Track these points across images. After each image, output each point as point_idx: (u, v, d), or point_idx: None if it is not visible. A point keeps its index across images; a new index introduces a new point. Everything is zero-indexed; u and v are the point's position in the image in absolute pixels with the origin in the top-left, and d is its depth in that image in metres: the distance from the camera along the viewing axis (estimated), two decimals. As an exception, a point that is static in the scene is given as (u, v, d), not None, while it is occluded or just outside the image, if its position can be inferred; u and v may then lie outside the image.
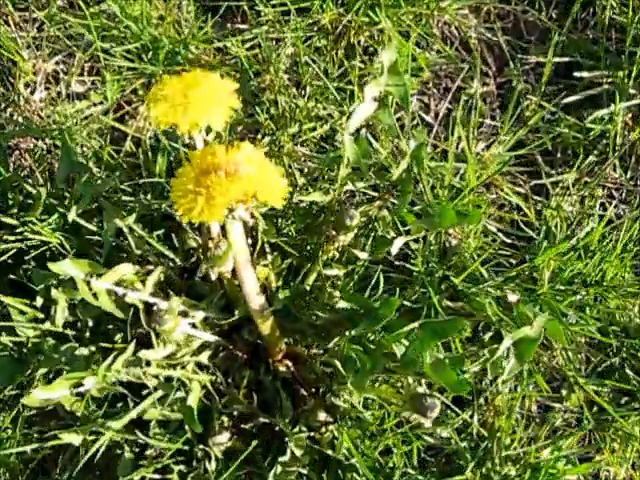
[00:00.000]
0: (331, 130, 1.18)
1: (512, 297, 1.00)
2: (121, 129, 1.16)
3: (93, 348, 1.01)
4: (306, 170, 1.17)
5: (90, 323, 1.03)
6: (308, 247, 1.07)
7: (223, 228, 0.89)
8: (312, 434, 0.99)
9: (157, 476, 0.98)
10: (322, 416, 0.98)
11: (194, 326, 1.02)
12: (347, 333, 0.92)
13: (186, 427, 0.98)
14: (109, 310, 0.96)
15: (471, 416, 1.06)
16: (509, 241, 1.18)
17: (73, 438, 0.93)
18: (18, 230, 0.99)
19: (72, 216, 0.99)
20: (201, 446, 0.98)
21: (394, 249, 0.96)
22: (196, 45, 1.18)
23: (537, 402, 1.13)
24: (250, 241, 1.01)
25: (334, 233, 0.97)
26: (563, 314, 1.07)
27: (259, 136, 1.15)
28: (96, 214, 1.10)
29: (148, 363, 0.96)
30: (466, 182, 1.14)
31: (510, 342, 0.92)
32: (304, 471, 0.97)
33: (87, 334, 1.02)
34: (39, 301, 1.00)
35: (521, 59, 1.24)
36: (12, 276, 1.03)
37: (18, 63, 1.18)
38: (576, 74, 1.20)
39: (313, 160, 1.17)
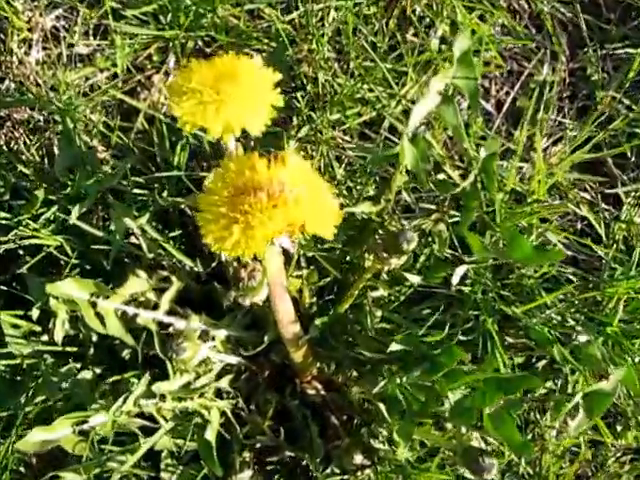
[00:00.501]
0: (377, 115, 1.01)
1: (582, 337, 0.88)
2: (132, 104, 0.99)
3: (98, 370, 0.88)
4: (345, 159, 1.02)
5: (94, 338, 0.89)
6: (348, 258, 0.93)
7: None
8: (346, 477, 0.88)
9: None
10: (358, 459, 0.87)
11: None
12: (398, 378, 0.79)
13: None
14: (118, 336, 0.82)
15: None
16: (570, 253, 1.04)
17: (75, 479, 0.81)
18: (11, 232, 0.84)
19: (73, 218, 0.84)
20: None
21: (455, 279, 0.83)
22: (224, 7, 0.99)
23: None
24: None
25: (385, 255, 0.82)
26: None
27: (294, 121, 0.99)
28: (102, 205, 0.95)
29: (162, 395, 0.84)
30: (530, 188, 0.99)
31: (581, 396, 0.81)
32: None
33: (91, 351, 0.89)
34: (35, 313, 0.86)
35: (600, 43, 1.06)
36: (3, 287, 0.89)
37: (10, 17, 0.99)
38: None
39: (354, 149, 1.02)
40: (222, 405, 0.88)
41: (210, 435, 0.86)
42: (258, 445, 0.91)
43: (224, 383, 0.90)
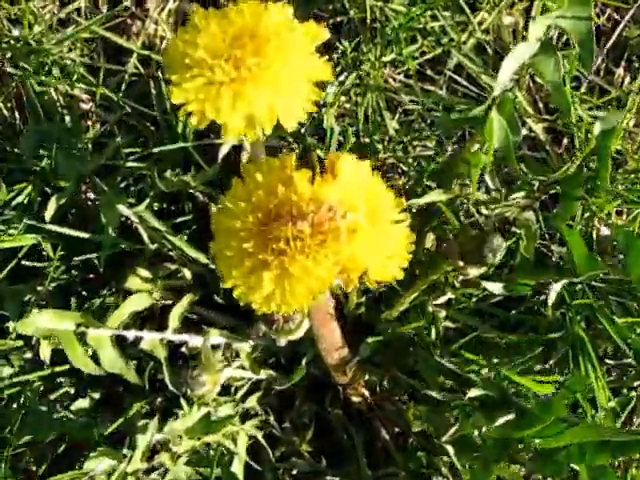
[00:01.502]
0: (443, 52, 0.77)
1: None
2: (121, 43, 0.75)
3: (96, 395, 0.71)
4: (399, 108, 0.79)
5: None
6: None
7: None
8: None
9: None
10: (416, 497, 0.72)
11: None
12: (475, 429, 0.62)
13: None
14: (117, 371, 0.64)
15: None
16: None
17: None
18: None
19: (48, 217, 0.63)
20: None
21: (551, 296, 0.63)
22: None
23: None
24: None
25: (461, 264, 0.62)
26: None
27: (335, 59, 0.75)
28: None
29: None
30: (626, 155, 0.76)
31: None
32: None
33: (86, 369, 0.72)
34: (13, 327, 0.68)
35: None
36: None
37: None
38: None
39: (411, 93, 0.78)
40: (249, 428, 0.73)
41: (237, 467, 0.71)
42: (295, 472, 0.76)
43: (252, 402, 0.73)
